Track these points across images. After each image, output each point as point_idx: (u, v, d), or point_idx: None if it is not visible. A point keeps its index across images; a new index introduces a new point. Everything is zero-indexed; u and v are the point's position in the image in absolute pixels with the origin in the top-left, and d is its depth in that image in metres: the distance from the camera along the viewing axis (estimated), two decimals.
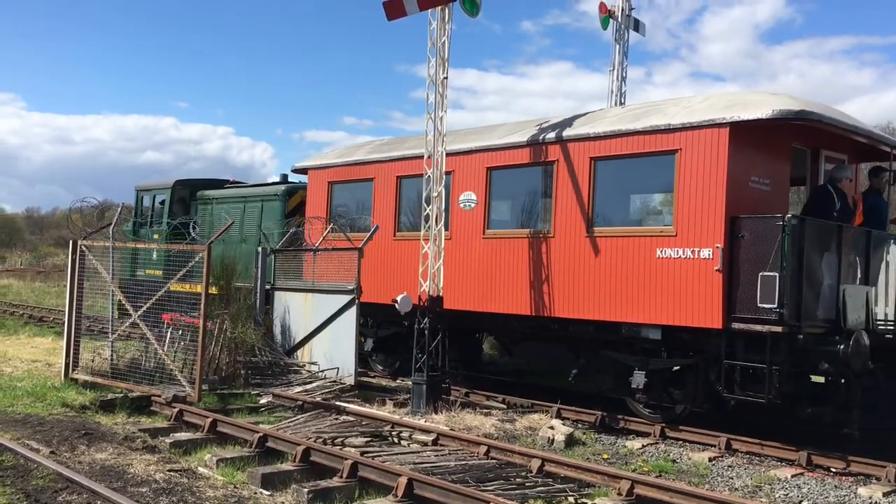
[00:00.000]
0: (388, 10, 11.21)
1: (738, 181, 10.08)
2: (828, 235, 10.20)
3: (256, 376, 13.03)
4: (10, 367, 13.93)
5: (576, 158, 11.55)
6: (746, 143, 10.16)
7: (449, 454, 8.88)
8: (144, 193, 20.77)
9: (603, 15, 15.91)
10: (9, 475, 7.42)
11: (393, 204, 14.23)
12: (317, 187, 15.87)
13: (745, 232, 9.83)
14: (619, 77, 16.04)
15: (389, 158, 14.47)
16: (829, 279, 10.12)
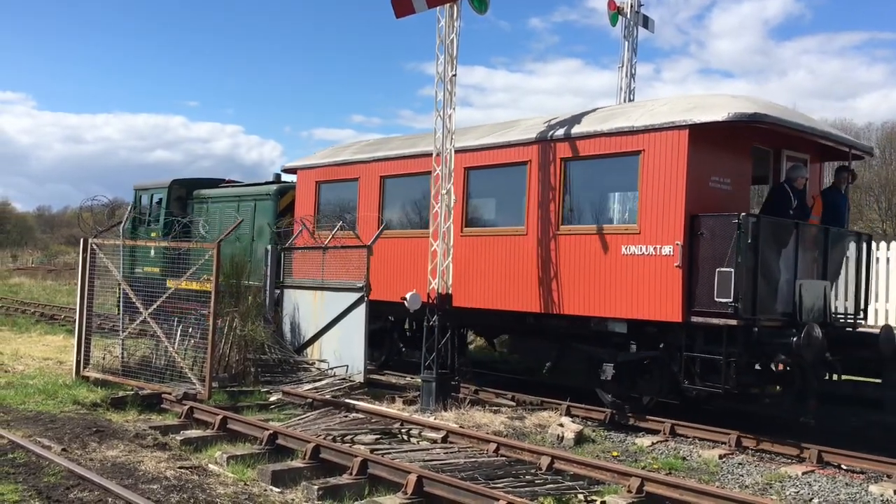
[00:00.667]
0: (396, 8, 11.20)
1: (697, 181, 10.41)
2: (785, 233, 10.57)
3: (266, 374, 13.08)
4: (21, 365, 14.01)
5: (548, 159, 11.93)
6: (706, 144, 10.48)
7: (458, 451, 8.88)
8: (142, 192, 21.19)
9: (612, 12, 15.88)
10: (21, 472, 7.46)
11: (377, 203, 14.61)
12: (305, 187, 16.26)
13: (704, 230, 10.17)
14: (629, 74, 16.01)
15: (373, 159, 14.87)
16: (786, 274, 10.48)
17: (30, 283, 41.41)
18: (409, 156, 14.14)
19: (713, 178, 10.68)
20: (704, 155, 10.48)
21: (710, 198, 10.52)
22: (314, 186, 16.00)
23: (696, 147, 10.36)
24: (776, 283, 10.39)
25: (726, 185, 10.81)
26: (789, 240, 10.58)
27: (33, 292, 36.12)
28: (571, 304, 11.48)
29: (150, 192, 20.86)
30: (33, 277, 44.88)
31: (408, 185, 14.23)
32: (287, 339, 14.52)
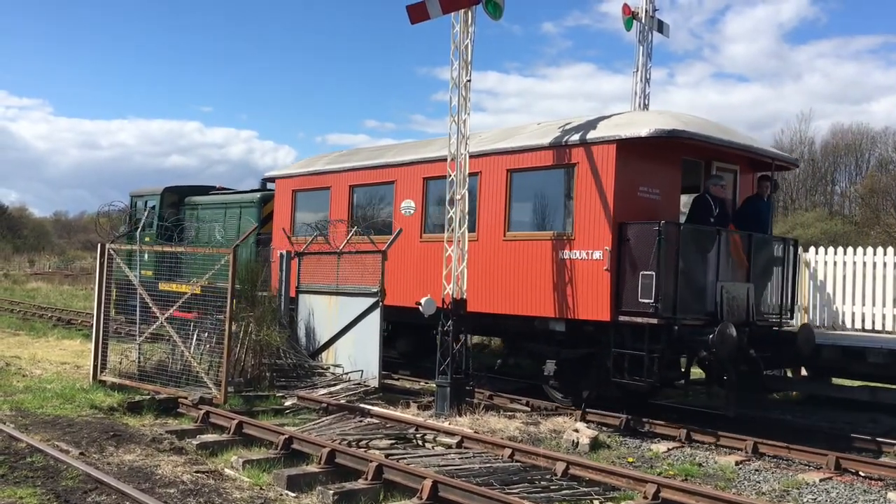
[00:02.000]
0: (411, 14, 11.23)
1: (625, 191, 11.24)
2: (706, 239, 11.37)
3: (281, 378, 13.11)
4: (39, 370, 14.11)
5: (496, 170, 12.85)
6: (633, 157, 11.30)
7: (473, 457, 8.87)
8: (138, 199, 22.17)
9: (626, 16, 15.85)
10: (39, 476, 7.52)
11: (346, 211, 15.57)
12: (283, 195, 17.23)
13: (630, 236, 11.00)
14: (643, 79, 15.98)
15: (342, 169, 15.90)
16: (708, 277, 11.31)
17: (47, 288, 41.72)
18: (374, 167, 15.20)
19: (641, 188, 11.48)
20: (632, 167, 11.29)
21: (639, 206, 11.32)
22: (291, 195, 16.95)
23: (624, 160, 11.21)
24: (698, 286, 11.20)
25: (655, 194, 11.62)
26: (711, 245, 11.32)
27: (50, 297, 36.38)
28: (517, 305, 12.30)
29: (145, 198, 21.84)
30: (50, 282, 45.22)
31: (374, 194, 15.37)
32: (302, 344, 14.56)
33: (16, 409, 10.35)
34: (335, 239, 14.64)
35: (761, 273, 12.24)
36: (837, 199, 55.41)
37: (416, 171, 14.08)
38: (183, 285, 12.16)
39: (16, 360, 15.27)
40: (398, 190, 14.55)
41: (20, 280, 46.65)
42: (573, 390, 12.29)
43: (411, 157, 14.52)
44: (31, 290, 40.93)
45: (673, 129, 11.07)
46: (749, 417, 11.84)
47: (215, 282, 11.79)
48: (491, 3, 11.45)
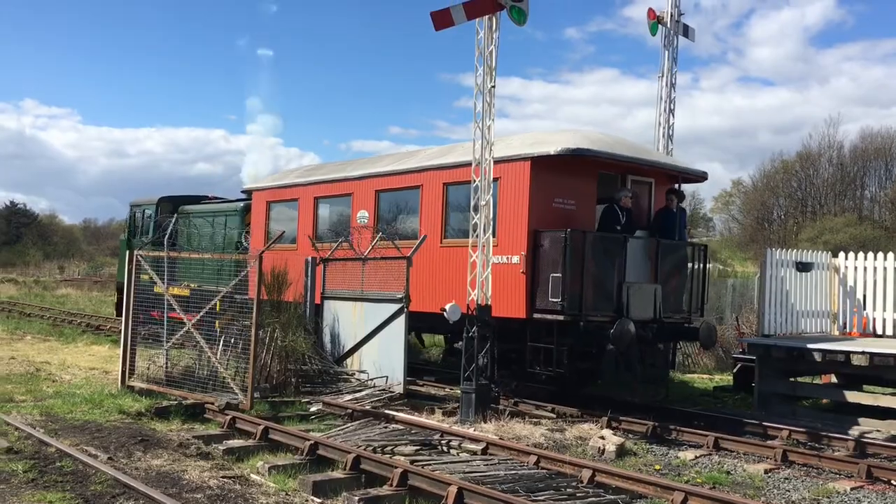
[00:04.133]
0: (435, 20, 11.26)
1: (540, 202, 12.40)
2: (612, 244, 12.58)
3: (307, 384, 13.16)
4: (69, 375, 14.29)
5: (434, 184, 14.23)
6: (547, 172, 12.44)
7: (499, 463, 8.84)
8: (136, 209, 23.85)
9: (651, 21, 15.79)
10: (68, 480, 7.60)
11: (311, 220, 16.91)
12: (258, 206, 18.65)
13: (544, 242, 12.19)
14: (669, 83, 15.89)
15: (308, 182, 17.34)
16: (616, 278, 12.46)
17: (76, 294, 42.29)
18: (334, 180, 16.66)
19: (556, 200, 12.68)
20: (546, 181, 12.42)
21: (553, 216, 12.46)
22: (265, 205, 18.36)
23: (538, 174, 12.42)
24: (605, 286, 12.38)
25: (570, 205, 12.85)
26: (617, 250, 12.51)
27: (79, 303, 36.87)
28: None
29: (143, 207, 23.43)
30: (80, 288, 45.80)
31: (335, 205, 16.87)
32: (327, 350, 14.61)
33: (45, 414, 10.48)
34: (359, 245, 14.71)
35: (668, 275, 13.30)
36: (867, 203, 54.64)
37: (370, 184, 15.75)
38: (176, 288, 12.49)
39: (46, 365, 15.48)
40: (355, 201, 16.07)
41: (50, 286, 47.32)
42: (504, 382, 13.35)
43: (366, 171, 16.05)
44: (60, 296, 41.49)
45: (577, 147, 12.35)
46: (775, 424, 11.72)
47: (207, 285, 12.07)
48: (515, 9, 11.45)
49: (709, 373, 18.76)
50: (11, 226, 78.29)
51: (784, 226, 55.60)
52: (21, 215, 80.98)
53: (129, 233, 24.13)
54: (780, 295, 14.36)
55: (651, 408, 12.65)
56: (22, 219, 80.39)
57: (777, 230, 55.11)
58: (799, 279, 14.61)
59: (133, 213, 24.20)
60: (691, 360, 19.43)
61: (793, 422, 12.22)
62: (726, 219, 66.27)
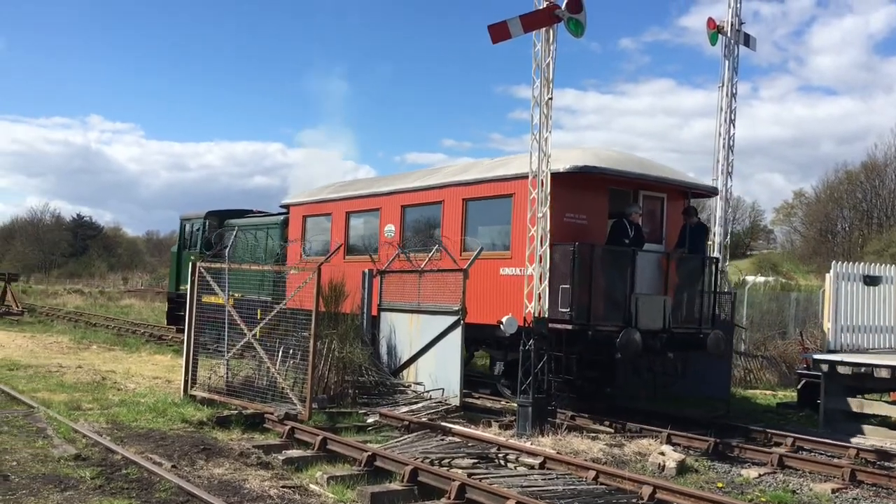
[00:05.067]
0: (492, 34, 11.28)
1: (551, 217, 12.30)
2: (621, 257, 12.92)
3: (363, 395, 13.24)
4: (133, 384, 14.63)
5: (454, 199, 14.91)
6: (558, 188, 12.47)
7: (557, 478, 8.76)
8: (186, 222, 25.12)
9: (711, 31, 15.58)
10: (134, 487, 7.77)
11: (343, 233, 17.62)
12: (295, 219, 19.54)
13: (554, 255, 12.31)
14: (729, 93, 15.65)
15: (340, 198, 18.15)
16: (623, 291, 12.77)
17: (139, 305, 43.32)
18: (364, 196, 17.48)
19: (568, 214, 13.10)
20: (557, 196, 12.44)
21: (565, 230, 12.78)
22: (301, 219, 19.18)
23: (550, 191, 12.36)
24: (614, 297, 12.72)
25: (582, 219, 13.35)
26: (626, 263, 12.85)
27: (142, 313, 37.77)
28: (476, 314, 13.66)
29: (192, 221, 24.62)
30: (143, 299, 46.90)
31: (364, 219, 17.60)
32: (384, 362, 14.68)
33: (112, 421, 10.74)
34: (416, 257, 14.80)
35: (680, 287, 13.68)
36: None
37: (397, 200, 16.43)
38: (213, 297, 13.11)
39: (111, 374, 15.88)
40: (383, 215, 16.74)
41: (114, 297, 48.60)
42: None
43: (393, 187, 16.82)
44: (124, 306, 42.58)
45: (585, 164, 12.92)
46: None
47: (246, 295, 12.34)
48: (573, 21, 11.42)
49: (771, 389, 18.33)
50: (78, 238, 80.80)
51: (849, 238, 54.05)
52: (87, 228, 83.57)
53: (180, 245, 25.27)
54: (847, 309, 13.98)
55: (712, 424, 12.41)
56: (88, 231, 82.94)
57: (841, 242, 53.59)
58: (866, 293, 14.20)
59: (183, 226, 25.30)
60: (753, 375, 19.02)
61: (860, 440, 11.86)
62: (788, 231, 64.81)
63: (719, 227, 16.40)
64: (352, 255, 17.08)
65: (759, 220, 71.69)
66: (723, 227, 16.55)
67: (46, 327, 27.99)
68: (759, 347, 20.33)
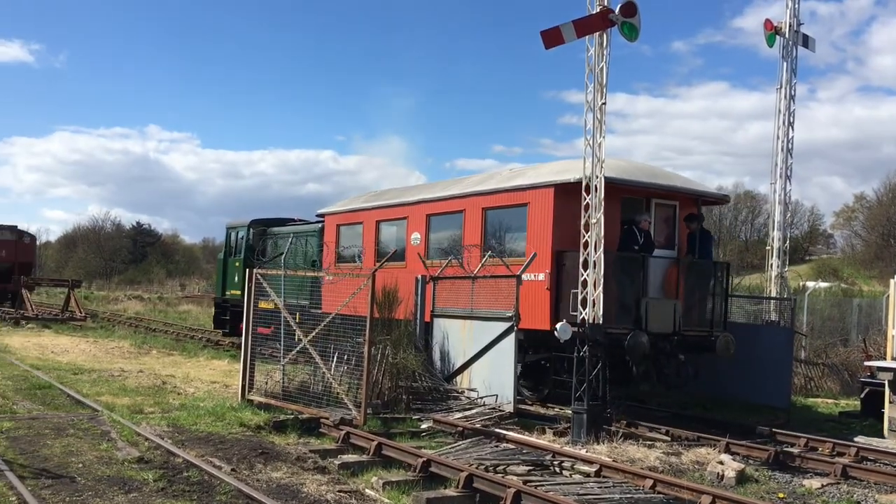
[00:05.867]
0: (545, 39, 11.26)
1: (563, 225, 13.35)
2: (632, 264, 13.44)
3: (417, 401, 13.29)
4: (192, 388, 14.93)
5: (475, 208, 15.62)
6: (570, 197, 13.06)
7: (613, 486, 8.67)
8: (231, 230, 25.98)
9: (769, 32, 15.31)
10: (195, 490, 7.92)
11: (373, 241, 18.36)
12: (329, 228, 20.34)
13: (566, 262, 13.20)
14: (788, 95, 15.34)
15: (370, 207, 18.99)
16: (633, 295, 13.31)
17: (196, 311, 44.12)
18: (392, 205, 18.23)
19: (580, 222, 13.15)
20: (569, 205, 13.12)
21: (577, 237, 12.64)
22: (335, 228, 20.01)
23: (561, 200, 13.50)
24: (624, 301, 13.14)
25: None
26: (636, 268, 13.38)
27: (199, 319, 38.45)
28: None
29: (237, 229, 25.45)
30: (200, 305, 47.76)
31: (393, 228, 18.28)
32: (437, 368, 14.72)
33: (172, 425, 10.97)
34: (469, 263, 14.83)
35: (691, 291, 14.12)
36: None
37: (422, 209, 17.21)
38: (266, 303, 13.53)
39: (171, 378, 16.23)
40: (410, 224, 17.50)
41: (173, 303, 49.65)
42: (537, 388, 14.58)
43: (419, 196, 17.64)
44: (182, 312, 43.45)
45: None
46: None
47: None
48: (627, 25, 11.34)
49: (833, 397, 17.86)
50: (137, 245, 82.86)
51: None
52: (146, 235, 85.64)
53: (225, 252, 26.18)
54: None
55: (772, 433, 12.16)
56: (147, 238, 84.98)
57: None
58: None
59: (228, 234, 26.19)
60: (814, 383, 18.57)
61: None
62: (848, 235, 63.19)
63: (778, 231, 16.08)
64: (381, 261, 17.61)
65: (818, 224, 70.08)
66: (781, 231, 16.21)
67: (108, 332, 28.73)
68: (819, 355, 19.83)
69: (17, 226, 43.08)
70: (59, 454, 9.07)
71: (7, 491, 7.57)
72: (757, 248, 51.43)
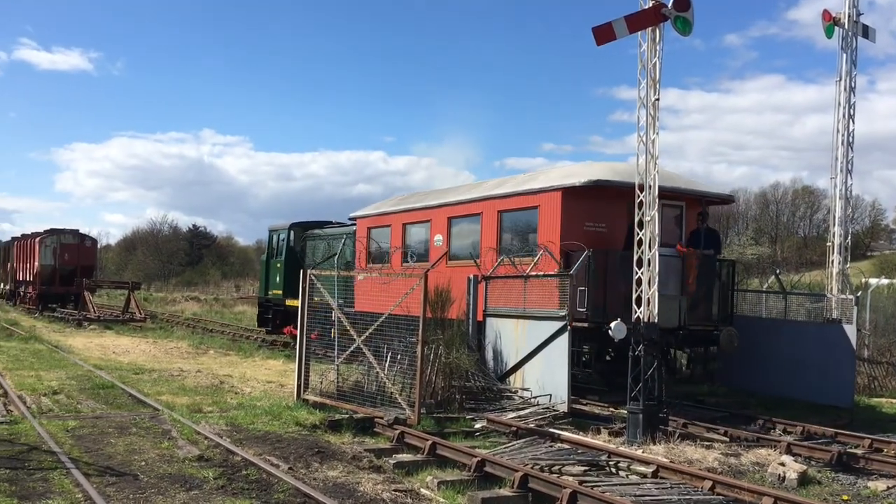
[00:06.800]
0: (597, 36, 11.13)
1: (571, 226, 14.35)
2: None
3: (470, 401, 13.29)
4: (248, 388, 15.17)
5: (491, 211, 16.47)
6: (577, 200, 14.40)
7: (671, 488, 8.55)
8: (273, 233, 27.01)
9: (827, 23, 14.91)
10: (253, 488, 8.05)
11: (400, 243, 19.21)
12: (361, 231, 21.27)
13: (574, 260, 13.66)
14: (847, 87, 14.93)
15: (398, 210, 19.87)
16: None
17: (252, 312, 44.60)
18: (417, 209, 19.10)
19: (587, 223, 14.55)
20: (577, 207, 14.34)
21: (584, 237, 13.96)
22: (366, 230, 20.90)
23: (568, 202, 14.46)
24: (628, 297, 12.75)
25: (601, 227, 14.76)
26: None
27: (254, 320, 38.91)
28: None
29: (278, 232, 26.45)
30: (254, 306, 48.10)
31: (420, 230, 19.04)
32: (490, 367, 14.70)
33: (230, 424, 11.16)
34: (522, 262, 14.80)
35: (697, 287, 14.39)
36: None
37: (444, 212, 18.15)
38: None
39: (228, 378, 16.51)
40: (433, 227, 18.39)
41: (228, 304, 50.47)
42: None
43: (440, 200, 18.46)
44: (238, 312, 44.15)
45: (597, 178, 14.37)
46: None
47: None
48: (680, 20, 11.17)
49: None
50: (193, 247, 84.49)
51: None
52: (202, 237, 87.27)
53: (268, 254, 27.07)
54: None
55: (835, 434, 11.86)
56: (202, 241, 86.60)
57: None
58: None
59: (270, 236, 27.10)
60: (878, 383, 18.04)
61: None
62: None
63: (839, 227, 15.65)
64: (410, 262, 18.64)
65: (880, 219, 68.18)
66: (842, 227, 15.79)
67: (167, 333, 29.36)
68: (883, 353, 19.26)
69: (78, 230, 44.42)
70: (122, 452, 9.30)
71: (73, 488, 7.79)
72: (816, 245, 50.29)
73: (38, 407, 12.14)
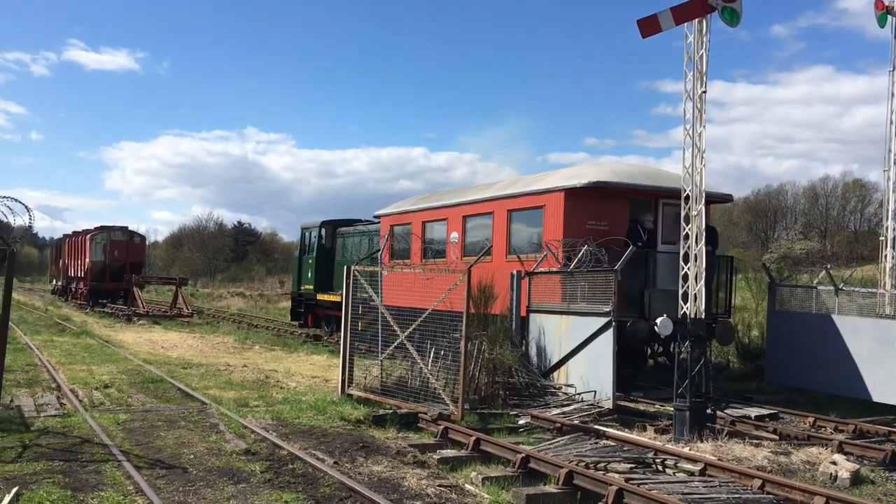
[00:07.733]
0: (642, 28, 11.01)
1: (574, 224, 15.10)
2: (636, 258, 14.08)
3: (514, 397, 13.24)
4: (294, 382, 15.32)
5: (501, 210, 17.24)
6: (579, 200, 15.26)
7: (719, 486, 8.42)
8: (305, 230, 27.82)
9: (879, 12, 14.55)
10: (300, 482, 8.13)
11: (420, 241, 20.01)
12: (384, 229, 22.03)
13: (574, 258, 14.24)
14: None
15: (417, 209, 20.76)
16: (640, 286, 14.56)
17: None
18: (435, 207, 19.89)
19: (589, 222, 15.20)
20: (579, 207, 15.17)
21: (587, 235, 14.63)
22: (390, 228, 21.66)
23: (571, 202, 15.26)
24: (629, 293, 14.04)
25: (603, 226, 15.36)
26: (640, 263, 14.48)
27: None
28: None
29: (310, 229, 27.26)
30: None
31: (438, 227, 19.82)
32: (533, 363, 14.63)
33: (276, 418, 11.28)
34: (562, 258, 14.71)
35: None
36: None
37: (459, 211, 18.90)
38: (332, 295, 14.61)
39: (273, 373, 16.70)
40: (449, 224, 19.23)
41: (273, 300, 51.03)
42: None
43: (455, 200, 19.32)
44: (282, 308, 44.55)
45: (598, 180, 15.15)
46: None
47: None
48: (727, 10, 10.97)
49: None
50: (238, 244, 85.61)
51: None
52: (246, 234, 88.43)
53: (301, 250, 28.03)
54: None
55: (888, 432, 11.57)
56: (247, 237, 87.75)
57: None
58: None
59: (303, 234, 27.90)
60: None
61: None
62: None
63: (892, 220, 15.27)
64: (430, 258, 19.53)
65: None
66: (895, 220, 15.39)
67: (213, 328, 29.82)
68: None
69: (127, 227, 45.31)
70: (171, 445, 9.47)
71: (125, 480, 7.94)
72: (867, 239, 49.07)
73: (90, 400, 12.40)
